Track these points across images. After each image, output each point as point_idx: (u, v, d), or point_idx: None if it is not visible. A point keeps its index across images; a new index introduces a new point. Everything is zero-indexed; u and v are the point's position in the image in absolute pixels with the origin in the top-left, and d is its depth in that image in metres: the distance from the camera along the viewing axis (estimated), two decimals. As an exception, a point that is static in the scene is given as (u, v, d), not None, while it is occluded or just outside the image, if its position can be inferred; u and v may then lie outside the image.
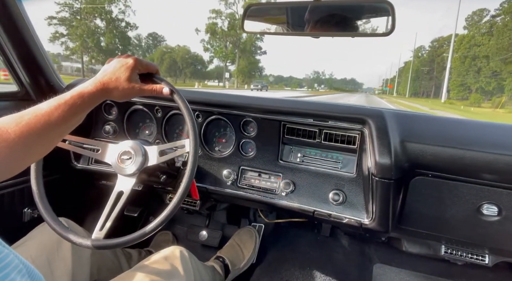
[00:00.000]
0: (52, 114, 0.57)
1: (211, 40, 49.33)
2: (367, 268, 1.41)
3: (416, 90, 74.80)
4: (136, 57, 0.71)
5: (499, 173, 0.82)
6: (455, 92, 45.54)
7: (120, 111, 1.21)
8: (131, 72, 0.69)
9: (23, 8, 1.07)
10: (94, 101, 0.65)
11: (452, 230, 0.96)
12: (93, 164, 1.22)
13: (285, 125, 1.05)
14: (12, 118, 0.54)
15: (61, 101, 0.59)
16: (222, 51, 50.48)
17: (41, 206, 0.75)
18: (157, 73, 0.77)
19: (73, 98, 0.61)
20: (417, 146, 0.88)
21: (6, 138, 0.51)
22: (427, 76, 68.61)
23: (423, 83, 71.34)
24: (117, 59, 0.70)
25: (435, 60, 63.29)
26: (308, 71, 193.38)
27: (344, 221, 0.97)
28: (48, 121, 0.56)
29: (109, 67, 0.69)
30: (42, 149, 0.59)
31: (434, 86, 65.33)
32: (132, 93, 0.71)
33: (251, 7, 0.91)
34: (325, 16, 0.86)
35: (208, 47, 50.35)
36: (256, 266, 1.41)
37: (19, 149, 0.53)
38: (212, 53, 51.42)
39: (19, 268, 0.38)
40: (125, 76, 0.68)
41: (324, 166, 1.04)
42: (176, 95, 0.76)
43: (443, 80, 48.79)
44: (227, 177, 1.08)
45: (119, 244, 0.70)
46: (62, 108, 0.59)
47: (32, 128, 0.54)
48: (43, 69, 1.19)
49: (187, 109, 0.76)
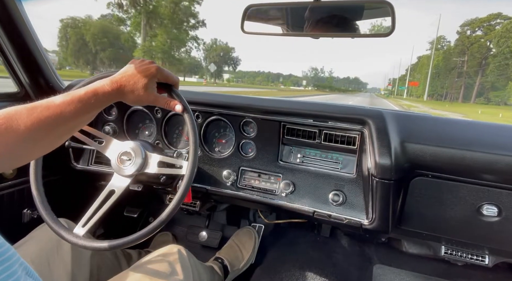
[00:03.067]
0: (65, 109, 0.56)
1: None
2: (367, 269, 1.41)
3: (437, 91, 57.55)
4: (158, 66, 0.70)
5: (499, 174, 0.82)
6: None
7: (120, 111, 1.21)
8: (150, 80, 0.68)
9: (23, 8, 1.07)
10: (107, 101, 0.64)
11: (452, 230, 0.96)
12: (93, 164, 1.21)
13: (285, 126, 1.05)
14: (24, 109, 0.52)
15: (75, 96, 0.58)
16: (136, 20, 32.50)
17: (41, 207, 0.74)
18: (175, 85, 0.76)
19: (87, 95, 0.60)
20: (417, 146, 0.88)
21: (16, 130, 0.50)
22: (453, 73, 51.24)
23: (446, 83, 53.73)
24: (139, 63, 0.69)
25: (467, 51, 46.75)
26: (306, 68, 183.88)
27: (344, 221, 0.97)
28: (60, 115, 0.55)
29: (129, 69, 0.68)
30: (50, 143, 0.58)
31: (464, 87, 48.83)
32: (146, 101, 0.70)
33: (251, 7, 0.91)
34: (325, 16, 0.86)
35: (122, 17, 32.28)
36: (256, 267, 1.40)
37: (27, 141, 0.52)
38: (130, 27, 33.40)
39: (20, 261, 0.38)
40: (143, 83, 0.67)
41: (324, 166, 1.04)
42: (187, 115, 0.75)
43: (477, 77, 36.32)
44: (227, 177, 1.08)
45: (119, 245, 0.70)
46: (76, 104, 0.57)
47: (42, 121, 0.53)
48: (43, 70, 1.19)
49: (193, 131, 0.75)
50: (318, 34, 0.87)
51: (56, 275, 0.77)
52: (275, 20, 0.96)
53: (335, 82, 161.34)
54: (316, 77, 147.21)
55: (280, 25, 0.96)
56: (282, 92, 41.79)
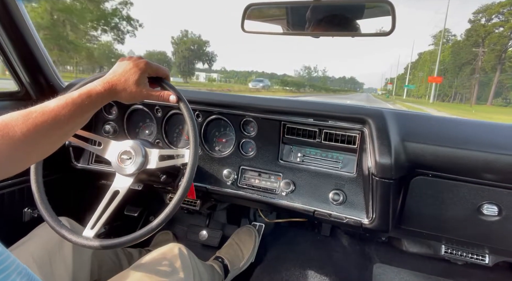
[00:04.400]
0: (60, 112, 0.57)
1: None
2: (367, 268, 1.41)
3: (445, 91, 48.78)
4: (147, 60, 0.71)
5: (500, 173, 0.82)
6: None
7: (120, 111, 1.21)
8: (141, 75, 0.68)
9: (23, 8, 1.07)
10: (101, 101, 0.65)
11: (452, 229, 0.96)
12: (93, 163, 1.22)
13: (285, 125, 1.05)
14: (19, 115, 0.53)
15: (69, 99, 0.59)
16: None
17: (41, 206, 0.75)
18: (166, 78, 0.77)
19: (81, 97, 0.60)
20: (417, 145, 0.88)
21: (12, 136, 0.50)
22: (464, 70, 42.46)
23: (455, 81, 44.93)
24: (128, 61, 0.70)
25: (482, 43, 38.70)
26: (299, 67, 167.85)
27: (344, 221, 0.97)
28: (55, 119, 0.56)
29: (119, 68, 0.68)
30: (47, 148, 0.59)
31: (477, 85, 39.40)
32: (140, 96, 0.70)
33: (251, 6, 0.91)
34: (325, 16, 0.86)
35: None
36: (256, 266, 1.41)
37: (23, 147, 0.52)
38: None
39: (18, 270, 0.38)
40: (134, 79, 0.67)
41: (324, 165, 1.04)
42: (182, 104, 0.76)
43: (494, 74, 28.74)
44: (227, 176, 1.08)
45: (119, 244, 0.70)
46: (70, 107, 0.58)
47: (38, 126, 0.53)
48: (43, 69, 1.19)
49: (191, 120, 0.76)
50: (318, 33, 0.87)
51: (57, 274, 0.77)
52: (276, 19, 0.96)
53: (330, 82, 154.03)
54: (310, 77, 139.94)
55: (280, 24, 0.96)
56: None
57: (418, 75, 61.85)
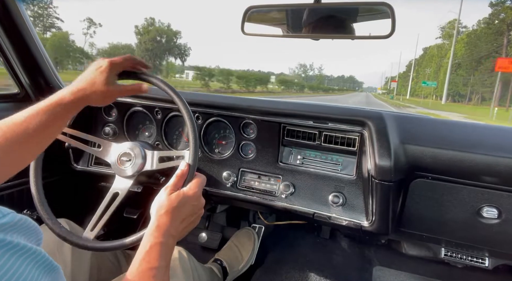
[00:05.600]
0: (30, 122, 0.57)
1: None
2: (367, 271, 1.41)
3: (458, 90, 39.98)
4: (110, 59, 0.70)
5: (499, 176, 0.82)
6: None
7: (120, 112, 1.21)
8: (107, 75, 0.68)
9: (23, 8, 1.07)
10: (73, 109, 0.65)
11: (452, 232, 0.96)
12: (93, 165, 1.21)
13: (285, 127, 1.05)
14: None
15: (39, 109, 0.59)
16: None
17: (40, 208, 0.74)
18: (138, 64, 0.75)
19: (52, 106, 0.61)
20: (417, 148, 0.88)
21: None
22: (484, 64, 34.77)
23: (471, 79, 37.03)
24: (92, 64, 0.70)
25: (508, 30, 31.19)
26: (294, 65, 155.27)
27: (344, 223, 0.97)
28: (27, 129, 0.56)
29: (86, 73, 0.69)
30: (23, 158, 0.59)
31: (501, 84, 28.24)
32: (111, 96, 0.70)
33: (251, 9, 0.92)
34: (325, 18, 0.86)
35: None
36: (255, 268, 1.40)
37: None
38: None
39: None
40: (101, 80, 0.67)
41: (323, 168, 1.04)
42: (182, 105, 0.74)
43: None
44: (227, 178, 1.08)
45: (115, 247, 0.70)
46: (41, 116, 0.59)
47: (9, 139, 0.54)
48: (43, 70, 1.19)
49: (191, 121, 0.74)
50: (318, 35, 0.88)
51: None
52: (275, 22, 0.97)
53: (328, 81, 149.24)
54: (307, 76, 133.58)
55: (280, 27, 0.96)
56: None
57: (425, 72, 56.20)
